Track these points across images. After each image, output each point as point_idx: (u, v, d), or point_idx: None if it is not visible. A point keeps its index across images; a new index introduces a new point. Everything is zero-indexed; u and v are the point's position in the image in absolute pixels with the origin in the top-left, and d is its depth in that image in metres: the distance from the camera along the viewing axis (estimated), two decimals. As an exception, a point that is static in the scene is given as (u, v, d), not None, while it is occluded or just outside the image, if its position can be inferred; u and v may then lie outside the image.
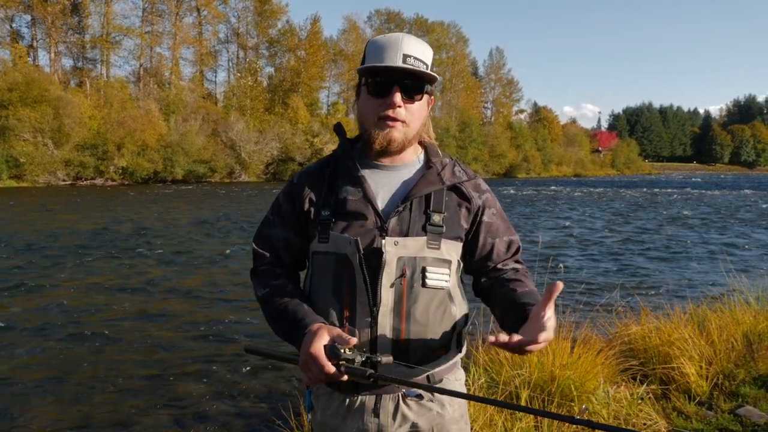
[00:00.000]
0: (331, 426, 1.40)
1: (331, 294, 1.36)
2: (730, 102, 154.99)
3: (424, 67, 1.34)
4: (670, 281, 8.72)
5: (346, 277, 1.33)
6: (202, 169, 40.43)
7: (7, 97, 32.93)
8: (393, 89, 1.33)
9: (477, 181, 1.46)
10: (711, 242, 13.38)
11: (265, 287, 1.44)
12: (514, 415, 3.00)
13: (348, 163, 1.41)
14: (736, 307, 4.83)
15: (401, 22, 67.55)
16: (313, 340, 1.21)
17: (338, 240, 1.35)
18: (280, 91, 53.58)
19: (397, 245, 1.32)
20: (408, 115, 1.35)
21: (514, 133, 70.58)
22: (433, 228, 1.35)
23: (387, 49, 1.33)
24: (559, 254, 11.01)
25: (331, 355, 1.20)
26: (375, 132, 1.36)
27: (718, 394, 3.72)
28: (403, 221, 1.35)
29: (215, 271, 9.36)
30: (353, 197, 1.37)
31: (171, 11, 49.19)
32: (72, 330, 5.94)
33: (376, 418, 1.35)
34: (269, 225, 1.49)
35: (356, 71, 1.42)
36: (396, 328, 1.32)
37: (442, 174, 1.41)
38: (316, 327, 1.26)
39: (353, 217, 1.36)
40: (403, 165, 1.43)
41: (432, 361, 1.37)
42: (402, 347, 1.32)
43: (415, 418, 1.37)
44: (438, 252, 1.35)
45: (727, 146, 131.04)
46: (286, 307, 1.36)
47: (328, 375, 1.20)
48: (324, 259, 1.38)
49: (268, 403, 4.23)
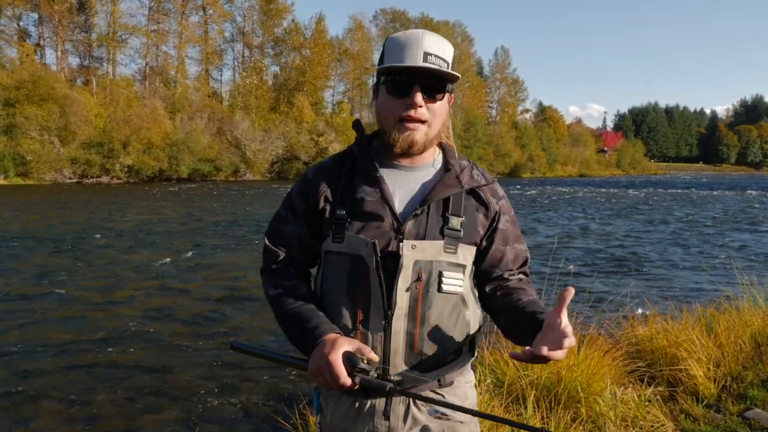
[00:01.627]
0: (340, 428, 1.38)
1: (344, 295, 1.33)
2: (737, 102, 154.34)
3: (446, 66, 1.31)
4: (677, 282, 8.67)
5: (360, 278, 1.31)
6: (207, 168, 40.56)
7: (14, 95, 33.11)
8: (414, 89, 1.29)
9: (494, 186, 1.44)
10: (719, 243, 13.30)
11: (277, 287, 1.41)
12: (521, 417, 2.98)
13: (366, 163, 1.38)
14: (744, 309, 4.79)
15: (406, 22, 67.46)
16: (334, 348, 1.21)
17: (353, 241, 1.32)
18: (285, 90, 53.66)
19: (415, 249, 1.30)
20: (429, 115, 1.32)
21: (519, 132, 70.42)
22: (451, 232, 1.33)
23: (408, 47, 1.28)
24: (566, 254, 10.97)
25: (349, 364, 1.20)
26: (395, 134, 1.33)
27: (726, 397, 3.69)
28: (420, 224, 1.32)
29: (220, 271, 9.36)
30: (371, 198, 1.33)
31: (177, 10, 49.34)
32: (76, 329, 5.96)
33: (387, 421, 1.34)
34: (282, 221, 1.45)
35: (376, 70, 1.39)
36: (410, 332, 1.30)
37: (461, 177, 1.37)
38: (333, 336, 1.25)
39: (370, 218, 1.32)
40: (422, 166, 1.39)
41: (446, 365, 1.36)
42: (415, 352, 1.31)
43: (426, 420, 1.36)
44: (454, 256, 1.33)
45: (734, 147, 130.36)
46: (299, 312, 1.34)
47: (343, 384, 1.20)
48: (338, 260, 1.35)
49: (273, 403, 4.23)
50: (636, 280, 8.69)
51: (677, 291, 7.93)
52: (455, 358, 1.37)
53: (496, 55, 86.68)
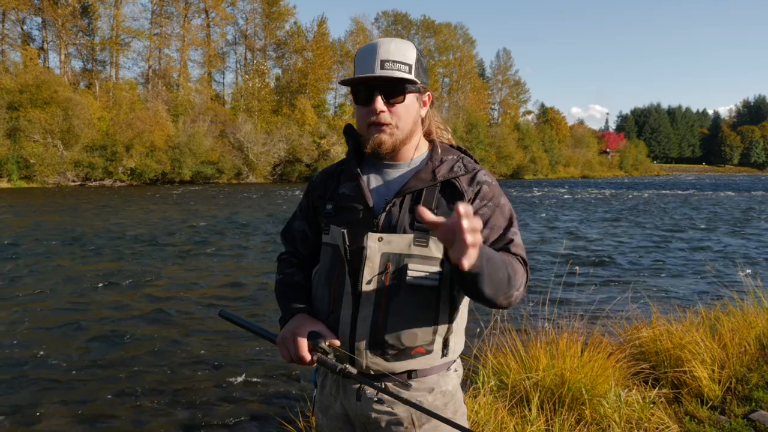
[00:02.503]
0: (325, 404, 1.53)
1: (325, 282, 1.46)
2: (740, 103, 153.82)
3: (406, 68, 1.37)
4: (681, 284, 8.65)
5: (338, 266, 1.42)
6: (209, 171, 40.65)
7: (18, 99, 33.29)
8: (374, 96, 1.38)
9: (475, 174, 1.42)
10: (722, 244, 13.27)
11: (279, 273, 1.61)
12: (525, 418, 2.98)
13: (350, 162, 1.49)
14: (748, 310, 4.78)
15: (408, 24, 67.64)
16: (302, 324, 1.38)
17: (334, 232, 1.44)
18: (287, 92, 53.79)
19: (381, 241, 1.37)
20: (394, 117, 1.39)
21: (522, 134, 70.44)
22: (421, 225, 1.34)
23: (365, 58, 1.38)
24: (568, 256, 10.95)
25: (312, 342, 1.35)
26: (367, 138, 1.42)
27: (731, 399, 3.68)
28: (392, 217, 1.38)
29: (225, 272, 9.37)
30: (349, 192, 1.45)
31: (179, 13, 49.55)
32: (80, 329, 5.97)
33: (359, 402, 1.44)
34: (293, 218, 1.65)
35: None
36: (374, 321, 1.37)
37: (437, 171, 1.41)
38: (304, 315, 1.42)
39: (347, 211, 1.44)
40: (403, 164, 1.47)
41: (410, 359, 1.39)
42: (379, 339, 1.37)
43: (393, 405, 1.41)
44: (425, 249, 1.36)
45: (737, 147, 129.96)
46: (286, 293, 1.53)
47: (301, 357, 1.35)
48: (325, 250, 1.48)
49: (277, 405, 4.23)
50: (639, 282, 8.67)
51: (681, 293, 7.91)
52: (424, 353, 1.39)
53: (497, 56, 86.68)
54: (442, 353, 1.42)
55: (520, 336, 3.66)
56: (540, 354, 3.39)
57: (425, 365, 1.41)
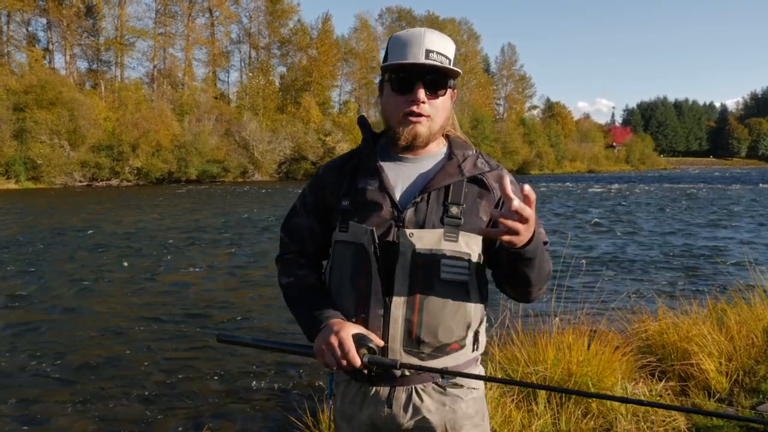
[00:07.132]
0: (348, 413, 1.44)
1: (348, 282, 1.38)
2: (748, 95, 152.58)
3: (447, 62, 1.35)
4: (688, 276, 8.62)
5: (362, 265, 1.35)
6: (215, 169, 40.77)
7: (24, 100, 33.44)
8: (416, 85, 1.33)
9: (500, 172, 1.43)
10: (729, 237, 13.20)
11: (289, 276, 1.50)
12: (531, 412, 2.99)
13: (369, 156, 1.44)
14: (756, 302, 4.76)
15: (412, 20, 67.36)
16: (343, 328, 1.29)
17: (356, 229, 1.37)
18: (292, 90, 53.82)
19: (413, 237, 1.33)
20: (432, 110, 1.37)
21: (527, 129, 70.14)
22: (451, 220, 1.34)
23: (410, 44, 1.33)
24: (575, 250, 10.93)
25: (359, 344, 1.27)
26: (400, 128, 1.38)
27: (738, 391, 3.67)
28: (420, 212, 1.35)
29: (229, 272, 9.41)
30: (371, 187, 1.39)
31: (183, 13, 49.61)
32: (85, 330, 6.02)
33: (389, 408, 1.38)
34: (296, 214, 1.54)
35: (380, 68, 1.43)
36: (408, 319, 1.33)
37: (462, 165, 1.40)
38: (340, 320, 1.33)
39: (370, 207, 1.37)
40: (425, 157, 1.43)
41: (445, 356, 1.37)
42: (413, 339, 1.34)
43: (426, 411, 1.38)
44: (456, 245, 1.34)
45: (744, 140, 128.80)
46: (307, 298, 1.42)
47: (352, 360, 1.26)
48: (343, 248, 1.40)
49: (284, 403, 4.25)
50: (646, 275, 8.65)
51: (687, 285, 7.88)
52: (457, 349, 1.38)
53: (502, 52, 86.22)
54: (473, 347, 1.42)
55: (526, 330, 3.67)
56: (547, 347, 3.39)
57: (458, 361, 1.39)
